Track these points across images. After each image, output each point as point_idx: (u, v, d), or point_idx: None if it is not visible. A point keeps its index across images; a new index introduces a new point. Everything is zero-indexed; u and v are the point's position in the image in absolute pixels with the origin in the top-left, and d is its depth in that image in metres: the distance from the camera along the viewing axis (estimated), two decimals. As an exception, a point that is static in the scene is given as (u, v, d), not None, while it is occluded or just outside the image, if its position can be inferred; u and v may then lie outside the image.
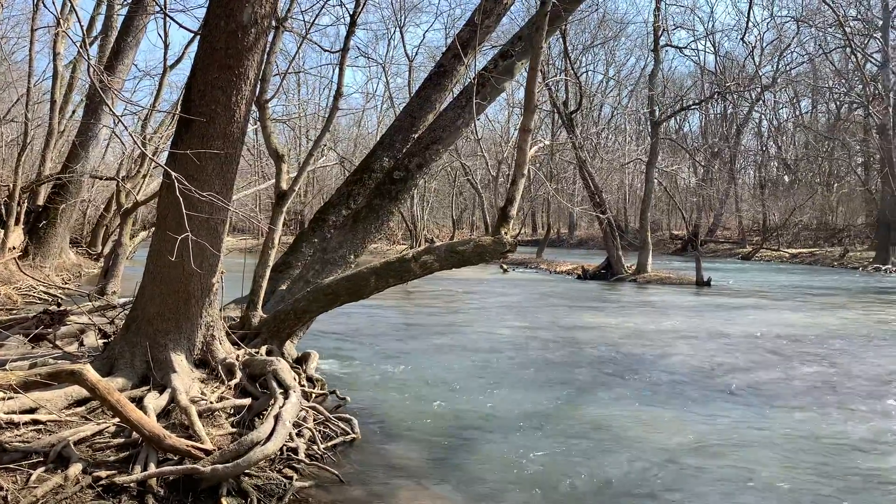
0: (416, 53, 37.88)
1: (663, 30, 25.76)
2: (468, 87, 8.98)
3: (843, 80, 41.41)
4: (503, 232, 6.84)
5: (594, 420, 7.03)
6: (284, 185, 8.12)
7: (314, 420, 6.02)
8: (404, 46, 41.95)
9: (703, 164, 43.62)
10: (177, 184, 4.82)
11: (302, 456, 5.32)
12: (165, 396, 5.51)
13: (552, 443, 6.24)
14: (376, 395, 7.82)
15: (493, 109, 51.98)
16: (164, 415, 5.41)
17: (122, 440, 4.96)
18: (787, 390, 8.44)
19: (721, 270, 28.78)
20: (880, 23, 35.73)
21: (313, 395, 6.99)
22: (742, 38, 34.30)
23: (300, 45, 12.01)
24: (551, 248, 46.15)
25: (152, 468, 4.54)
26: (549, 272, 28.69)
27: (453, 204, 45.25)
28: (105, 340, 7.16)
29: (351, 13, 8.52)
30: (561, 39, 25.85)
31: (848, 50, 34.47)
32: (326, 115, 9.02)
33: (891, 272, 30.43)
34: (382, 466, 5.60)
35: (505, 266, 29.45)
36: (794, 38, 39.04)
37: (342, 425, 6.18)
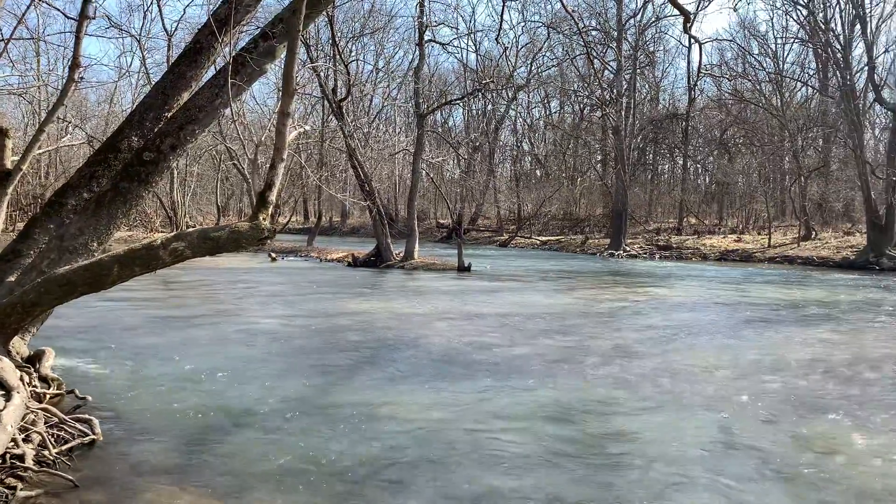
0: (176, 29, 35.29)
1: (427, 25, 26.74)
2: (227, 67, 8.61)
3: (586, 84, 45.98)
4: (262, 218, 6.68)
5: (353, 403, 7.18)
6: (9, 165, 7.22)
7: (46, 423, 5.47)
8: (162, 20, 39.07)
9: (465, 157, 46.04)
10: None
11: (29, 463, 4.83)
12: None
13: (309, 430, 6.28)
14: (124, 393, 7.30)
15: (263, 92, 50.41)
16: None
17: None
18: (532, 364, 9.24)
19: (481, 256, 30.66)
20: (615, 34, 40.21)
21: (47, 396, 6.36)
22: (497, 40, 36.48)
23: (28, 7, 10.68)
24: (324, 235, 46.03)
25: None
26: (319, 260, 28.58)
27: (218, 189, 43.17)
28: None
29: (90, -23, 7.75)
30: (329, 26, 25.78)
31: (591, 56, 38.25)
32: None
33: (622, 257, 34.53)
34: (125, 468, 5.24)
35: (273, 255, 28.84)
36: (545, 42, 42.48)
37: (80, 427, 5.69)
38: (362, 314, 13.54)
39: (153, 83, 10.61)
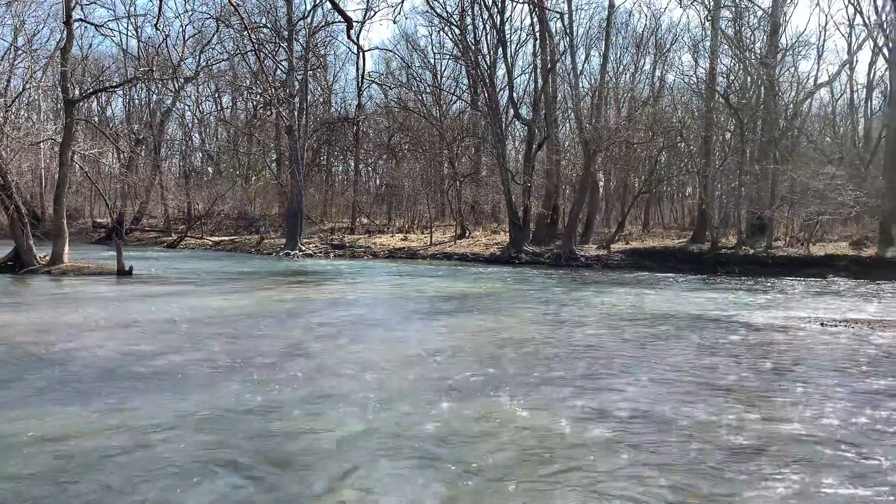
0: None
1: (76, 2, 23.93)
2: None
3: (259, 81, 45.28)
4: None
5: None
6: None
7: None
8: None
9: (126, 150, 42.25)
10: None
11: None
12: None
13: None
14: None
15: None
16: None
17: None
18: (198, 370, 8.78)
19: (146, 259, 28.50)
20: (286, 34, 40.20)
21: None
22: (156, 26, 34.14)
23: None
24: (-58, 237, 38.59)
25: None
26: (-64, 267, 23.88)
27: None
28: None
29: None
30: (-54, -11, 21.70)
31: (262, 54, 37.69)
32: None
33: (298, 256, 34.76)
34: None
35: None
36: (213, 35, 40.85)
37: None
38: (-6, 328, 11.65)
39: None
